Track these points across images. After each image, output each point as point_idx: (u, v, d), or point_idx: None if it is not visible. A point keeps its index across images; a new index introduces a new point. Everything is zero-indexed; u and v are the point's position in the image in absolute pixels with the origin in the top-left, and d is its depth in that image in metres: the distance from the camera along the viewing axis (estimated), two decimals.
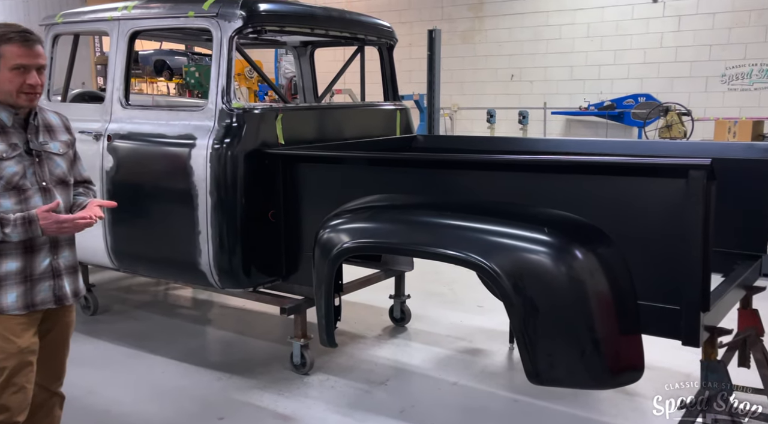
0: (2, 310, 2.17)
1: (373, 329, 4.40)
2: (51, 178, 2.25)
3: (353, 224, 3.08)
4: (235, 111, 3.33)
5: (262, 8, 3.45)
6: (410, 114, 4.57)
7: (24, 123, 2.20)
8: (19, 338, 2.20)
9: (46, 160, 2.24)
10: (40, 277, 2.23)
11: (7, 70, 2.09)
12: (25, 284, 2.19)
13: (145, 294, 5.13)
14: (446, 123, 11.95)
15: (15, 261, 2.17)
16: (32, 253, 2.20)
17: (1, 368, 2.20)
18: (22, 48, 2.08)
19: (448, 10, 11.97)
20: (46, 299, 2.25)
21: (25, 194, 2.17)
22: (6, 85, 2.11)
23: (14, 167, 2.14)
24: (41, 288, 2.23)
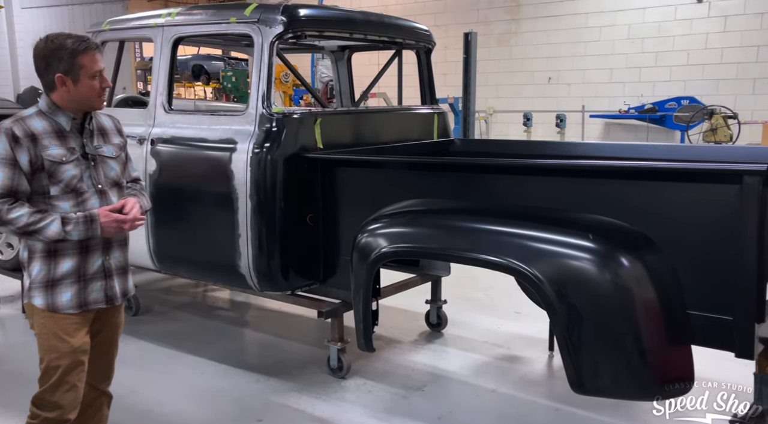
0: (57, 309, 2.24)
1: (409, 334, 4.37)
2: (106, 181, 2.33)
3: (392, 229, 3.07)
4: (275, 116, 3.36)
5: (302, 14, 3.47)
6: (447, 118, 4.54)
7: (80, 127, 2.28)
8: (72, 338, 2.28)
9: (101, 163, 2.32)
10: (93, 277, 2.30)
11: (87, 79, 2.20)
12: (78, 283, 2.27)
13: (185, 295, 5.21)
14: (481, 126, 11.87)
15: (70, 261, 2.24)
16: (86, 253, 2.27)
17: (55, 367, 2.27)
18: (96, 55, 2.21)
19: (484, 13, 11.90)
20: (97, 298, 2.33)
21: (82, 197, 2.25)
22: (86, 93, 2.22)
23: (72, 170, 2.23)
24: (93, 288, 2.31)
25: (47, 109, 2.24)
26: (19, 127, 2.15)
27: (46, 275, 2.24)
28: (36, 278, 2.24)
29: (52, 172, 2.19)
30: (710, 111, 9.53)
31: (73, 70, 2.18)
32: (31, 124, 2.18)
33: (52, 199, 2.21)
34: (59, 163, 2.20)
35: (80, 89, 2.21)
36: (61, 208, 2.21)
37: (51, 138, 2.20)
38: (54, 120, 2.24)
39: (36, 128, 2.18)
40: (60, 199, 2.21)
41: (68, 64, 2.16)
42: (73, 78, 2.19)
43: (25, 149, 2.15)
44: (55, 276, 2.24)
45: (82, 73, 2.18)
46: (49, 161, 2.18)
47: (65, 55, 2.16)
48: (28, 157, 2.15)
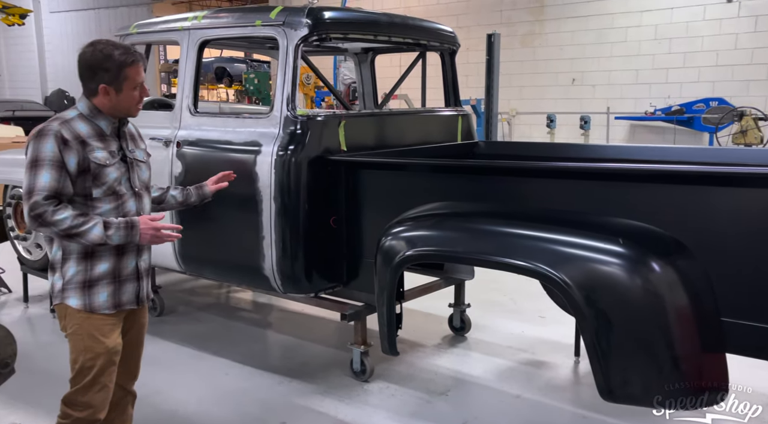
0: (94, 309, 2.29)
1: (432, 337, 4.34)
2: (140, 184, 2.40)
3: (416, 232, 3.05)
4: (299, 118, 3.36)
5: (327, 16, 3.47)
6: (472, 120, 4.51)
7: (117, 132, 2.34)
8: (107, 338, 2.32)
9: (135, 166, 2.39)
10: (127, 278, 2.36)
11: (131, 90, 2.26)
12: (114, 284, 2.32)
13: (208, 296, 5.24)
14: (503, 128, 11.78)
15: (106, 263, 2.29)
16: (121, 255, 2.32)
17: (89, 367, 2.31)
18: (140, 67, 2.27)
19: (507, 14, 11.82)
20: (130, 299, 2.39)
21: (121, 199, 2.31)
22: (127, 103, 2.28)
23: (114, 173, 2.29)
24: (126, 289, 2.36)
25: (88, 112, 2.28)
26: (67, 130, 2.19)
27: (83, 276, 2.28)
28: (72, 279, 2.27)
29: (97, 174, 2.23)
30: (740, 112, 9.33)
31: (117, 81, 2.23)
32: (77, 126, 2.23)
33: (93, 201, 2.25)
34: (104, 166, 2.25)
35: (122, 99, 2.26)
36: (102, 209, 2.25)
37: (95, 141, 2.25)
38: (95, 123, 2.28)
39: (81, 131, 2.23)
40: (101, 201, 2.26)
41: (114, 76, 2.21)
42: (117, 88, 2.24)
43: (74, 152, 2.19)
44: (92, 277, 2.28)
45: (126, 85, 2.23)
46: (95, 164, 2.23)
47: (113, 66, 2.21)
48: (76, 159, 2.19)
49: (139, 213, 2.38)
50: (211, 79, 15.06)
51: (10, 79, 19.80)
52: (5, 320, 4.67)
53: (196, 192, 2.82)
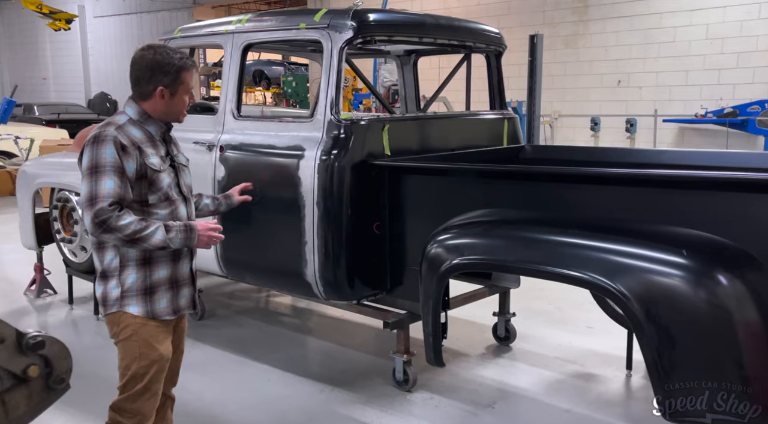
0: (156, 315, 2.28)
1: (475, 347, 4.23)
2: (186, 188, 2.40)
3: (463, 240, 2.96)
4: (343, 122, 3.30)
5: (372, 18, 3.41)
6: (518, 123, 4.39)
7: (163, 137, 2.34)
8: (161, 345, 2.31)
9: (181, 171, 2.39)
10: (183, 283, 2.36)
11: (183, 95, 2.27)
12: (172, 290, 2.32)
13: (248, 300, 5.22)
14: (545, 131, 11.55)
15: (165, 268, 2.29)
16: (177, 260, 2.33)
17: (142, 374, 2.29)
18: (194, 74, 2.28)
19: (549, 15, 11.59)
20: (187, 304, 2.39)
21: (174, 204, 2.31)
22: (179, 107, 2.29)
23: (167, 179, 2.29)
24: (183, 294, 2.37)
25: (138, 117, 2.27)
26: (123, 135, 2.19)
27: (144, 283, 2.26)
28: (132, 285, 2.24)
29: (153, 180, 2.23)
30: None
31: (174, 85, 2.23)
32: (131, 132, 2.22)
33: (150, 206, 2.24)
34: (158, 171, 2.25)
35: (175, 103, 2.27)
36: (158, 215, 2.25)
37: (149, 146, 2.25)
38: (145, 129, 2.27)
39: (136, 136, 2.22)
40: (157, 207, 2.26)
41: (173, 79, 2.22)
42: (173, 92, 2.24)
43: (132, 157, 2.18)
44: (152, 283, 2.27)
45: (181, 89, 2.24)
46: (152, 169, 2.23)
47: (172, 70, 2.21)
48: (135, 165, 2.18)
49: (189, 217, 2.38)
50: (249, 82, 15.20)
51: (56, 83, 20.38)
52: (50, 322, 4.74)
53: (225, 202, 2.79)
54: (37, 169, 4.84)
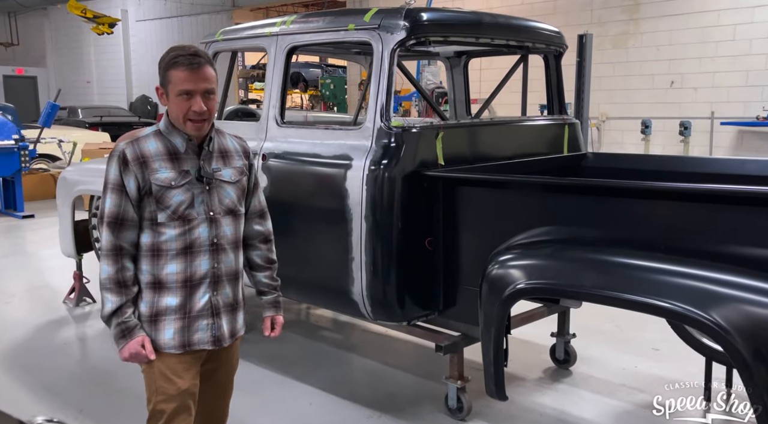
0: (159, 346, 2.07)
1: (532, 369, 3.94)
2: (220, 207, 2.11)
3: (530, 261, 2.68)
4: (394, 130, 3.05)
5: (427, 17, 3.15)
6: (579, 129, 4.07)
7: (198, 149, 2.09)
8: (180, 379, 2.08)
9: (216, 188, 2.11)
10: (199, 314, 2.09)
11: (174, 96, 2.00)
12: (183, 320, 2.08)
13: (288, 312, 5.01)
14: (593, 134, 11.12)
15: (175, 296, 2.06)
16: (193, 287, 2.08)
17: (160, 411, 2.08)
18: (188, 72, 1.96)
19: (598, 14, 11.15)
20: (202, 338, 2.11)
21: (190, 224, 2.06)
22: (174, 111, 2.04)
23: (181, 196, 2.04)
24: (198, 326, 2.10)
25: (165, 129, 2.09)
26: (131, 150, 2.02)
27: (150, 309, 2.07)
28: (143, 310, 2.08)
29: (159, 197, 2.02)
30: None
31: (164, 84, 2.03)
32: (144, 145, 2.04)
33: (159, 226, 2.04)
34: (167, 188, 2.02)
35: (171, 106, 2.04)
36: (167, 235, 2.04)
37: (162, 161, 2.03)
38: (170, 141, 2.07)
39: (148, 150, 2.03)
40: (167, 226, 2.04)
41: (162, 77, 2.02)
42: (165, 92, 2.03)
43: (132, 174, 2.00)
44: (158, 310, 2.06)
45: (170, 89, 2.00)
46: (157, 186, 2.01)
47: (162, 65, 2.02)
48: (135, 182, 2.00)
49: (212, 242, 2.09)
50: None
51: (99, 86, 20.68)
52: (88, 333, 4.62)
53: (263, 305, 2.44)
54: (77, 175, 4.72)
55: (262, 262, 2.36)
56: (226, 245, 2.12)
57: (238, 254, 2.18)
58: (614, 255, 2.44)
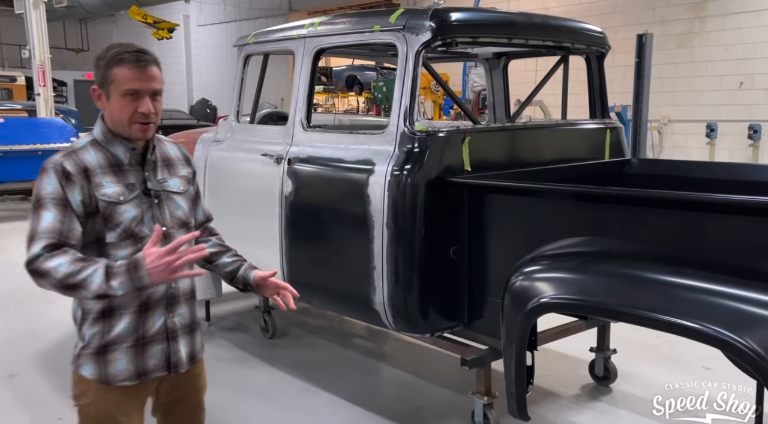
0: (110, 380, 1.86)
1: (568, 385, 3.74)
2: (172, 221, 1.93)
3: (554, 273, 2.52)
4: (418, 134, 2.94)
5: (454, 18, 3.03)
6: (622, 133, 3.85)
7: (141, 158, 1.90)
8: (130, 418, 1.91)
9: (166, 200, 1.92)
10: (153, 339, 1.90)
11: (118, 97, 1.80)
12: (136, 347, 1.87)
13: (322, 319, 4.97)
14: (653, 137, 10.63)
15: (127, 322, 1.86)
16: (146, 311, 1.88)
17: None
18: (135, 70, 1.79)
19: (661, 12, 10.66)
20: (158, 365, 1.92)
21: (142, 243, 1.83)
22: (118, 114, 1.83)
23: (132, 212, 1.84)
24: (153, 352, 1.91)
25: (102, 137, 1.87)
26: (71, 162, 1.80)
27: (100, 339, 1.85)
28: (89, 342, 1.85)
29: (108, 214, 1.80)
30: None
31: (105, 84, 1.81)
32: (84, 157, 1.82)
33: (107, 247, 1.81)
34: (116, 204, 1.81)
35: (113, 108, 1.82)
36: (118, 257, 1.80)
37: (106, 174, 1.83)
38: (110, 151, 1.86)
39: (89, 162, 1.82)
40: (117, 247, 1.82)
41: (103, 76, 1.81)
42: (106, 93, 1.82)
43: (77, 187, 1.78)
44: (109, 340, 1.85)
45: (113, 89, 1.80)
46: (105, 202, 1.80)
47: (102, 64, 1.81)
48: (81, 196, 1.78)
49: None
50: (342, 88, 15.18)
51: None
52: None
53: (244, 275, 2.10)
54: None
55: (219, 248, 2.13)
56: None
57: (192, 269, 1.95)
58: (643, 270, 2.25)
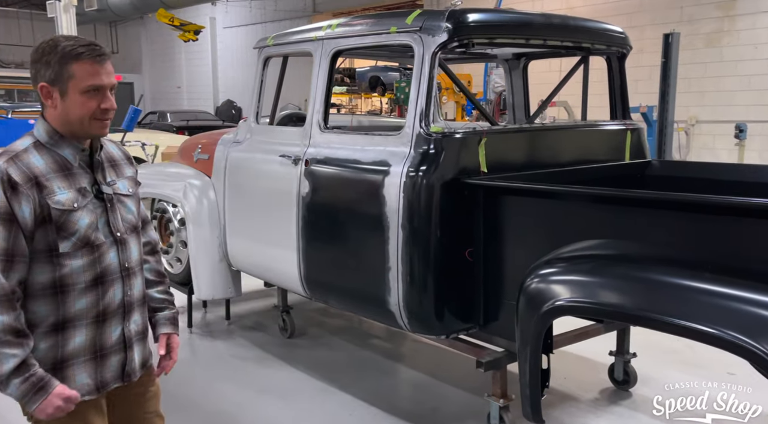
0: None
1: (587, 389, 3.70)
2: (124, 226, 1.84)
3: (570, 276, 2.50)
4: (434, 136, 2.94)
5: (471, 19, 3.02)
6: (643, 135, 3.79)
7: (89, 160, 1.80)
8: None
9: (117, 204, 1.83)
10: (111, 350, 1.83)
11: (78, 94, 1.70)
12: (95, 360, 1.80)
13: (340, 319, 4.98)
14: (680, 138, 10.45)
15: (83, 335, 1.77)
16: (103, 321, 1.80)
17: None
18: (96, 66, 1.70)
19: (689, 11, 10.48)
20: (115, 376, 1.86)
21: (99, 250, 1.76)
22: (77, 112, 1.71)
23: (86, 219, 1.73)
24: (110, 364, 1.84)
25: (47, 138, 1.74)
26: (17, 169, 1.66)
27: (54, 355, 1.74)
28: (41, 359, 1.71)
29: (61, 223, 1.69)
30: None
31: (60, 80, 1.69)
32: (30, 162, 1.68)
33: (61, 257, 1.70)
34: (70, 211, 1.70)
35: (69, 107, 1.70)
36: (73, 267, 1.72)
37: (56, 179, 1.71)
38: (57, 153, 1.74)
39: (37, 167, 1.69)
40: (72, 257, 1.71)
41: (57, 72, 1.69)
42: (61, 91, 1.70)
43: (26, 198, 1.65)
44: (65, 355, 1.75)
45: (72, 86, 1.69)
46: (58, 210, 1.69)
47: (55, 59, 1.68)
48: (30, 207, 1.65)
49: (123, 267, 1.82)
50: (365, 88, 15.20)
51: (188, 91, 21.71)
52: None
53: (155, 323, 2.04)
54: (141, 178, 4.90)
55: (154, 276, 2.05)
56: (135, 267, 1.87)
57: (142, 274, 1.94)
58: (660, 274, 2.22)
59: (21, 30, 22.34)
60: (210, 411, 3.52)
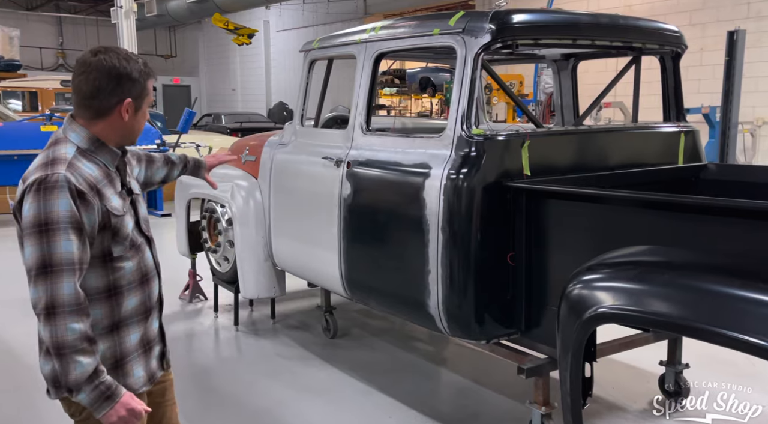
0: (133, 389, 1.82)
1: (635, 399, 3.58)
2: (146, 223, 1.93)
3: (614, 283, 2.42)
4: (475, 138, 2.90)
5: (516, 20, 2.97)
6: (698, 137, 3.64)
7: (121, 163, 1.87)
8: None
9: (137, 202, 1.91)
10: (154, 343, 1.95)
11: (144, 108, 1.82)
12: (145, 354, 1.89)
13: (383, 320, 4.98)
14: (745, 140, 9.99)
15: (136, 331, 1.85)
16: (149, 317, 1.91)
17: None
18: None
19: (756, 7, 10.00)
20: (158, 365, 1.96)
21: (140, 250, 1.85)
22: (141, 124, 1.83)
23: (131, 221, 1.82)
24: (154, 354, 1.94)
25: (88, 144, 1.76)
26: (78, 177, 1.67)
27: (114, 354, 1.80)
28: (103, 360, 1.74)
29: (117, 228, 1.75)
30: None
31: (141, 97, 1.79)
32: (84, 170, 1.70)
33: (115, 261, 1.76)
34: (122, 216, 1.77)
35: (139, 119, 1.81)
36: (126, 270, 1.78)
37: (106, 185, 1.76)
38: (98, 159, 1.77)
39: (91, 175, 1.72)
40: (123, 260, 1.78)
41: (140, 89, 1.77)
42: (138, 105, 1.79)
43: (92, 206, 1.68)
44: (123, 353, 1.82)
45: (146, 102, 1.81)
46: (116, 216, 1.75)
47: (135, 76, 1.75)
48: (95, 215, 1.69)
49: (156, 262, 1.92)
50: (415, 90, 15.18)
51: (242, 93, 22.20)
52: (195, 329, 4.89)
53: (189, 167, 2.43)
54: (191, 179, 5.01)
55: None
56: (159, 261, 1.97)
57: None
58: (708, 282, 2.12)
59: (87, 35, 23.35)
60: (252, 407, 3.58)
